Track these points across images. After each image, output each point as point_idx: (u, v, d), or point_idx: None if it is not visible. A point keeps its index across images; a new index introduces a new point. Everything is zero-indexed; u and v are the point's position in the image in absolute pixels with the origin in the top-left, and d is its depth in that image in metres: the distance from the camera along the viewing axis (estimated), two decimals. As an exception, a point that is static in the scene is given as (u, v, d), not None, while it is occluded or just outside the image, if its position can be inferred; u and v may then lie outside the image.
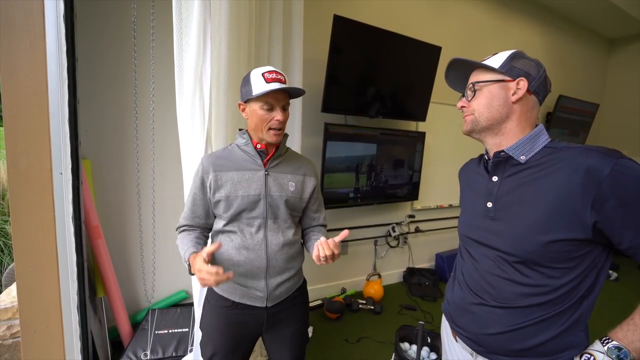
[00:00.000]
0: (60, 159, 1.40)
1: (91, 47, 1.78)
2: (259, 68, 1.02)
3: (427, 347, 1.78)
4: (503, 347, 0.77)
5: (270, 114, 1.01)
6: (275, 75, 0.99)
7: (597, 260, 0.71)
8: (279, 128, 1.02)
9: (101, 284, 1.83)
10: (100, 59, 1.82)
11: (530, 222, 0.72)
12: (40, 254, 1.39)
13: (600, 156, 0.66)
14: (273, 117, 1.01)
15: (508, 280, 0.77)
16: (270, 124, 1.01)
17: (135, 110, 1.92)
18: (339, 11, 2.16)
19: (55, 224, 1.41)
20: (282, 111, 1.02)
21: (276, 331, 1.15)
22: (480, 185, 0.87)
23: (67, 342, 1.48)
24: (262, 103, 1.00)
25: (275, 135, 1.03)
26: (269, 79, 0.98)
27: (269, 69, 1.01)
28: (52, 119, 1.36)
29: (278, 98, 1.00)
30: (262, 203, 1.05)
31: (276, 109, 1.01)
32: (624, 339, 0.66)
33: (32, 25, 1.30)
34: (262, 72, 0.99)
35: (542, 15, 3.82)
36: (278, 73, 1.00)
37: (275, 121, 1.01)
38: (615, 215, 0.64)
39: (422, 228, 3.28)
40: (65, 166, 1.41)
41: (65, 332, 1.47)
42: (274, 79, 0.98)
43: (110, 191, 1.94)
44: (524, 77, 0.76)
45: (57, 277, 1.45)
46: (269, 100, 0.99)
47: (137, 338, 1.87)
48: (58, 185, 1.40)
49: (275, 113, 1.01)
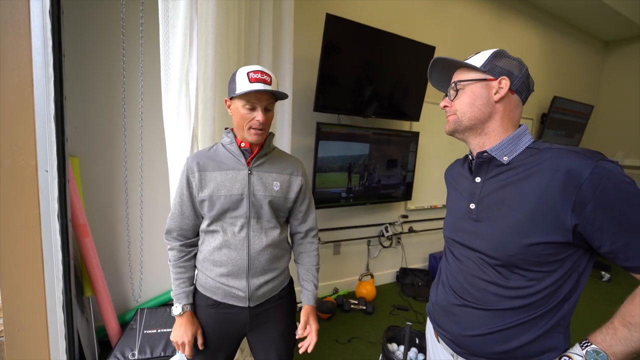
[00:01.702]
0: (46, 156, 1.38)
1: (79, 43, 1.76)
2: (247, 67, 1.01)
3: (415, 348, 1.77)
4: (483, 349, 0.77)
5: (251, 113, 1.00)
6: (260, 75, 0.98)
7: (578, 263, 0.70)
8: (259, 128, 1.01)
9: (89, 283, 1.81)
10: (89, 55, 1.80)
11: (512, 225, 0.71)
12: (24, 252, 1.37)
13: (581, 158, 0.65)
14: (254, 117, 1.00)
15: (489, 283, 0.76)
16: (251, 124, 1.00)
17: (124, 108, 1.90)
18: (332, 10, 2.15)
19: (40, 222, 1.40)
20: (263, 112, 1.00)
21: (261, 332, 1.14)
22: (464, 187, 0.86)
23: (52, 342, 1.46)
24: (244, 102, 0.99)
25: (256, 135, 1.02)
26: (252, 78, 0.97)
27: (255, 68, 0.99)
28: (38, 115, 1.35)
29: (260, 98, 0.99)
30: (245, 202, 1.04)
31: (258, 109, 1.00)
32: (602, 343, 0.65)
33: (18, 20, 1.28)
34: (247, 71, 0.98)
35: (538, 16, 3.83)
36: (263, 73, 0.99)
37: (256, 121, 1.00)
38: (595, 219, 0.63)
39: (416, 228, 3.28)
40: (51, 164, 1.40)
41: (50, 331, 1.46)
42: (258, 79, 0.97)
43: (98, 189, 1.92)
44: (506, 76, 0.75)
45: (42, 275, 1.43)
46: (251, 99, 0.98)
47: (125, 338, 1.85)
48: (43, 183, 1.38)
49: (257, 113, 1.00)
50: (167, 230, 1.11)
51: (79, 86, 1.79)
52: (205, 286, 1.09)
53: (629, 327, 0.63)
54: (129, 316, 2.05)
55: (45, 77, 1.34)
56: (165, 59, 1.33)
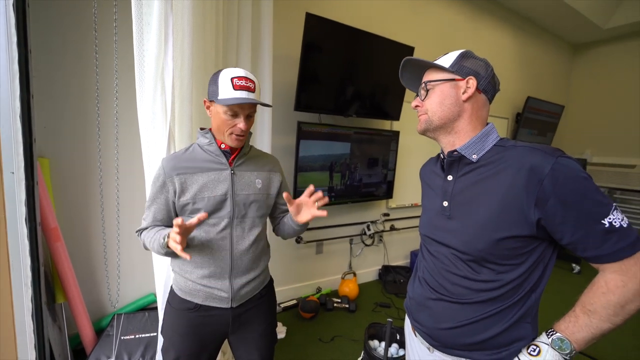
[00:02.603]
0: (12, 158, 1.32)
1: (49, 39, 1.69)
2: (230, 70, 0.97)
3: (397, 343, 1.80)
4: (457, 341, 0.79)
5: (233, 120, 0.98)
6: (244, 82, 0.95)
7: (543, 255, 0.74)
8: (241, 135, 1.00)
9: (61, 289, 1.74)
10: (60, 53, 1.73)
11: (481, 221, 0.74)
12: (-11, 258, 1.30)
13: (542, 155, 0.68)
14: (236, 124, 0.98)
15: (462, 277, 0.78)
16: (233, 130, 0.99)
17: (98, 107, 1.84)
18: (312, 9, 2.15)
19: (6, 227, 1.33)
20: (245, 119, 0.99)
21: (242, 332, 1.13)
22: (437, 185, 0.88)
23: (21, 352, 1.40)
24: (226, 109, 0.96)
25: (237, 141, 1.01)
26: (237, 85, 0.94)
27: (239, 73, 0.96)
28: (2, 114, 1.29)
29: (244, 107, 0.97)
30: (228, 202, 1.03)
31: (240, 116, 0.98)
32: (566, 330, 0.68)
33: (-22, 14, 1.21)
34: (232, 77, 0.95)
35: (512, 19, 3.96)
36: (248, 80, 0.96)
37: (237, 128, 0.98)
38: (556, 212, 0.66)
39: (397, 226, 3.33)
40: (18, 165, 1.34)
41: (19, 341, 1.39)
42: (242, 87, 0.94)
43: (70, 191, 1.85)
44: (472, 76, 0.77)
45: (9, 282, 1.37)
46: (233, 107, 0.96)
47: (101, 344, 1.79)
48: (9, 186, 1.32)
49: (239, 121, 0.98)
50: (138, 230, 1.09)
51: (49, 85, 1.72)
52: (185, 289, 1.07)
53: (588, 314, 0.67)
54: (105, 322, 1.98)
55: (10, 75, 1.28)
56: (140, 57, 1.29)
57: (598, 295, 0.66)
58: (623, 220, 0.65)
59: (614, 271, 0.66)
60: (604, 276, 0.67)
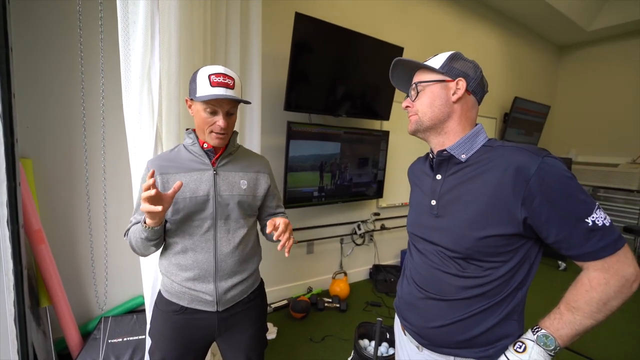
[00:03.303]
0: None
1: (32, 37, 1.65)
2: (209, 67, 0.96)
3: (387, 342, 1.81)
4: (445, 339, 0.80)
5: (213, 118, 0.97)
6: (222, 79, 0.93)
7: (529, 253, 0.75)
8: (221, 133, 0.98)
9: (45, 292, 1.70)
10: (42, 50, 1.69)
11: (468, 219, 0.75)
12: (-31, 262, 1.26)
13: (529, 155, 0.70)
14: (215, 122, 0.97)
15: (450, 275, 0.79)
16: (212, 128, 0.97)
17: (83, 106, 1.80)
18: (301, 8, 2.14)
19: (-13, 229, 1.29)
20: (225, 116, 0.97)
21: (231, 336, 1.11)
22: (426, 184, 0.89)
23: (4, 358, 1.36)
24: (205, 106, 0.95)
25: (217, 139, 0.99)
26: (214, 82, 0.92)
27: (217, 70, 0.95)
28: (-18, 114, 1.25)
29: (222, 103, 0.95)
30: (210, 203, 1.02)
31: (219, 114, 0.96)
32: (550, 327, 0.70)
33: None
34: (209, 74, 0.94)
35: (499, 20, 4.03)
36: (226, 76, 0.94)
37: (217, 126, 0.97)
38: (542, 211, 0.68)
39: (388, 225, 3.35)
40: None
41: (1, 347, 1.35)
42: (220, 84, 0.93)
43: (55, 192, 1.80)
44: (462, 78, 0.79)
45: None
46: (211, 104, 0.95)
47: (88, 348, 1.76)
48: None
49: (218, 118, 0.96)
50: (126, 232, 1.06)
51: (32, 84, 1.68)
52: (171, 291, 1.05)
53: (572, 311, 0.68)
54: (92, 325, 1.94)
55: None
56: (125, 56, 1.27)
57: (582, 293, 0.68)
58: (606, 219, 0.66)
59: (596, 269, 0.67)
60: (587, 274, 0.69)
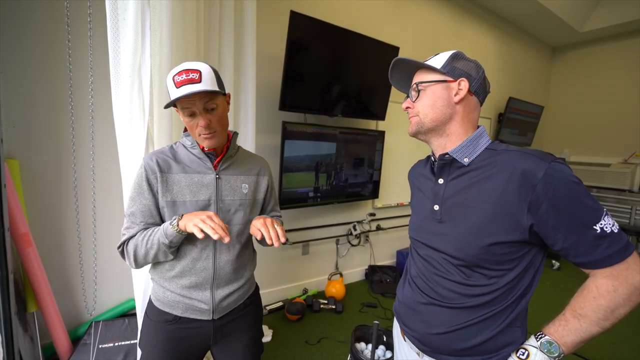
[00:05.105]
0: (-24, 159, 1.23)
1: (16, 34, 1.59)
2: (174, 69, 0.89)
3: (383, 345, 1.79)
4: (447, 346, 0.78)
5: (193, 120, 0.91)
6: (185, 75, 0.85)
7: (534, 260, 0.73)
8: (207, 132, 0.92)
9: (33, 297, 1.65)
10: (29, 48, 1.63)
11: (473, 226, 0.73)
12: (-48, 267, 1.22)
13: (535, 160, 0.67)
14: (197, 123, 0.91)
15: (453, 282, 0.77)
16: (198, 130, 0.91)
17: (71, 105, 1.75)
18: (296, 7, 2.11)
19: (-30, 233, 1.25)
20: (204, 114, 0.90)
21: (226, 343, 1.08)
22: (428, 188, 0.87)
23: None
24: (181, 109, 0.90)
25: (207, 140, 0.93)
26: (178, 82, 0.85)
27: (179, 68, 0.87)
28: (-36, 113, 1.20)
29: (193, 102, 0.88)
30: (212, 209, 0.98)
31: (197, 113, 0.90)
32: (555, 334, 0.68)
33: None
34: (173, 75, 0.86)
35: (493, 21, 4.04)
36: (189, 72, 0.85)
37: (200, 127, 0.90)
38: (549, 218, 0.66)
39: (383, 226, 3.33)
40: (-18, 167, 1.25)
41: (-14, 354, 1.31)
42: (184, 81, 0.84)
43: (43, 194, 1.75)
44: (464, 78, 0.76)
45: (-25, 292, 1.28)
46: (184, 105, 0.88)
47: (77, 354, 1.72)
48: (-27, 189, 1.23)
49: (198, 119, 0.90)
50: (122, 243, 0.96)
51: (18, 82, 1.63)
52: (163, 300, 1.01)
53: (578, 318, 0.67)
54: (81, 330, 1.90)
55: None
56: (115, 54, 1.23)
57: (589, 300, 0.66)
58: (614, 226, 0.65)
59: (605, 276, 0.66)
60: (595, 281, 0.67)
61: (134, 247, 0.93)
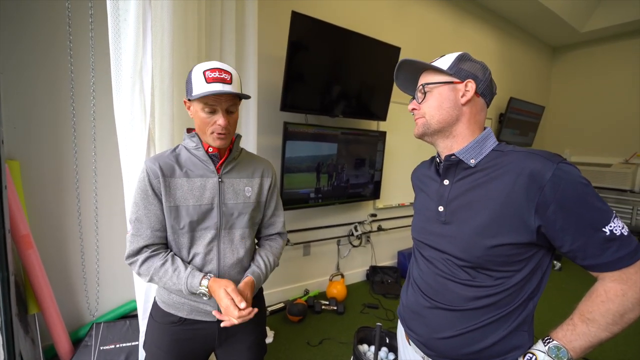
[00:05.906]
0: (-23, 161, 1.23)
1: (17, 34, 1.59)
2: (203, 64, 0.91)
3: (386, 347, 1.79)
4: (453, 351, 0.77)
5: (212, 117, 0.91)
6: (217, 74, 0.87)
7: (541, 262, 0.72)
8: (222, 133, 0.92)
9: (34, 299, 1.65)
10: (30, 48, 1.63)
11: (479, 227, 0.72)
12: (-48, 269, 1.21)
13: (543, 160, 0.66)
14: (215, 121, 0.91)
15: (458, 284, 0.76)
16: (213, 128, 0.91)
17: (73, 106, 1.74)
18: (298, 8, 2.11)
19: (-29, 235, 1.24)
20: (225, 114, 0.91)
21: (230, 345, 1.07)
22: (432, 189, 0.86)
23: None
24: (202, 105, 0.90)
25: (219, 140, 0.93)
26: (210, 78, 0.86)
27: (212, 65, 0.89)
28: (-36, 114, 1.19)
29: (220, 100, 0.89)
30: (215, 212, 0.97)
31: (219, 112, 0.90)
32: (563, 339, 0.67)
33: None
34: (204, 70, 0.88)
35: (494, 21, 4.03)
36: (222, 71, 0.88)
37: (217, 126, 0.91)
38: (557, 219, 0.65)
39: (385, 226, 3.32)
40: (-17, 168, 1.24)
41: (-13, 356, 1.30)
42: (216, 79, 0.86)
43: (44, 195, 1.75)
44: (471, 79, 0.76)
45: (-24, 294, 1.27)
46: (209, 102, 0.89)
47: (78, 356, 1.71)
48: (-26, 191, 1.23)
49: (218, 117, 0.90)
50: (132, 253, 0.93)
51: (19, 83, 1.62)
52: (169, 302, 1.01)
53: (587, 322, 0.66)
54: (83, 332, 1.89)
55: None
56: (116, 54, 1.22)
57: (597, 304, 0.65)
58: (623, 229, 0.64)
59: (613, 280, 0.65)
60: (604, 285, 0.66)
61: (149, 274, 0.93)
